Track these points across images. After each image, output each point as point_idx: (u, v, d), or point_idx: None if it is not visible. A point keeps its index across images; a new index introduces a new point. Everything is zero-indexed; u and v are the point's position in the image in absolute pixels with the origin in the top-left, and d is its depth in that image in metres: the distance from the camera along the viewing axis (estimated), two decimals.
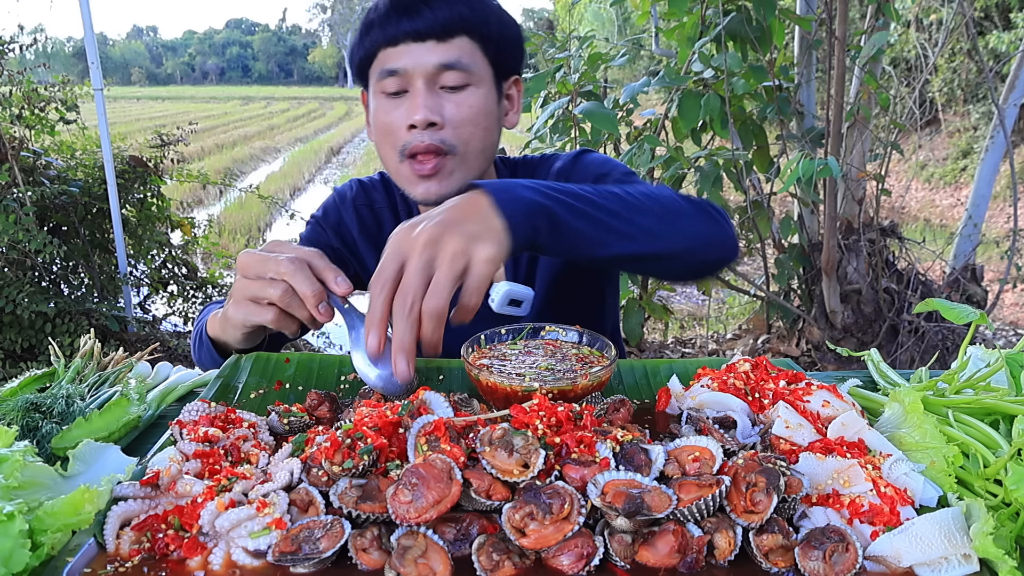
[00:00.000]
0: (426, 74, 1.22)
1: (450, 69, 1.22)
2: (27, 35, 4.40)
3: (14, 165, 3.79)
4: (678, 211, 1.12)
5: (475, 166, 1.30)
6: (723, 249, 1.18)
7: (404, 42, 1.22)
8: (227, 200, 10.78)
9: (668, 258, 1.12)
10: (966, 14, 4.17)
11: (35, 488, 0.71)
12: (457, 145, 1.25)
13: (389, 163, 1.31)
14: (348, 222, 1.48)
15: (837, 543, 0.66)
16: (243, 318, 1.04)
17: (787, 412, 0.87)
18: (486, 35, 1.26)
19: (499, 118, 1.33)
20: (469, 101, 1.25)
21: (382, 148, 1.31)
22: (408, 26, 1.21)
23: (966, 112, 10.42)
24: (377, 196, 1.49)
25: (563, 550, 0.65)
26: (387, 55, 1.24)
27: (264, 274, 1.00)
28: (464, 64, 1.23)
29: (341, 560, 0.66)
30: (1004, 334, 5.27)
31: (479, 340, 1.10)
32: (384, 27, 1.23)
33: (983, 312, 1.43)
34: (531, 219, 0.94)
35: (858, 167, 3.81)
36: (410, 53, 1.22)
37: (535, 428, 0.76)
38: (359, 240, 1.47)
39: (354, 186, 1.52)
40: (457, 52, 1.22)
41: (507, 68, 1.33)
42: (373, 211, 1.49)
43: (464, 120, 1.24)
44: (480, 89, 1.26)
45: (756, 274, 5.05)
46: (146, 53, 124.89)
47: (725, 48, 3.32)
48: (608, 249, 1.03)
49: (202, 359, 1.26)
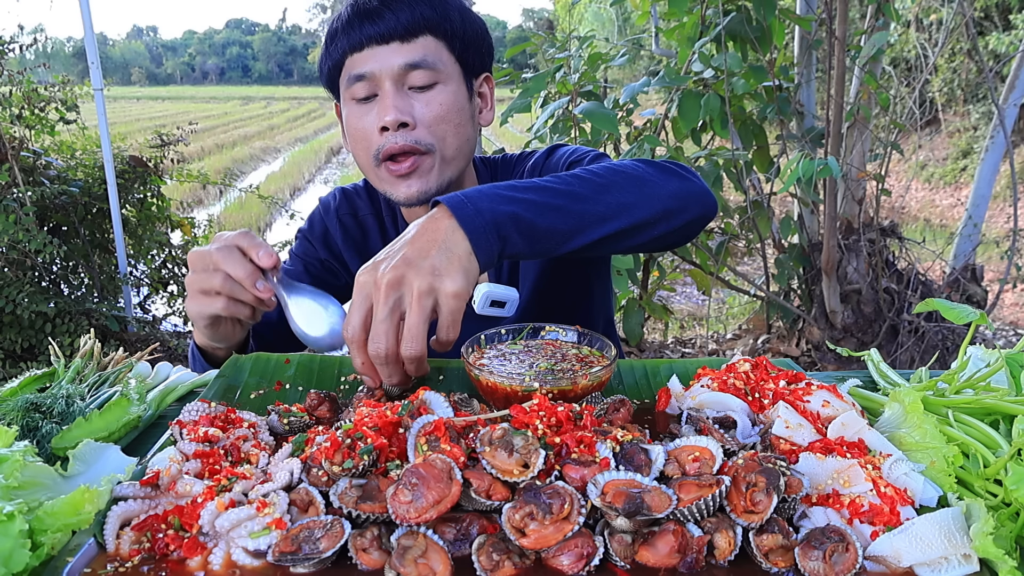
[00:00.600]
0: (393, 75, 1.22)
1: (416, 68, 1.23)
2: (27, 35, 4.41)
3: (14, 165, 3.79)
4: (644, 178, 1.12)
5: (454, 163, 1.30)
6: (700, 204, 1.17)
7: (369, 46, 1.23)
8: (227, 200, 10.79)
9: (648, 226, 1.11)
10: (966, 14, 4.17)
11: (35, 488, 0.71)
12: (434, 143, 1.25)
13: (367, 169, 1.32)
14: (333, 232, 1.49)
15: (837, 543, 0.66)
16: (198, 310, 1.07)
17: (787, 412, 0.87)
18: (450, 32, 1.26)
19: (472, 115, 1.33)
20: (439, 99, 1.25)
21: (358, 155, 1.31)
22: (371, 30, 1.22)
23: (966, 112, 10.43)
24: (361, 204, 1.50)
25: (563, 550, 0.65)
26: (353, 61, 1.25)
27: (205, 267, 1.04)
28: (430, 62, 1.23)
29: (341, 560, 0.66)
30: (1004, 334, 5.27)
31: (479, 340, 1.10)
32: (348, 33, 1.24)
33: (983, 312, 1.43)
34: (498, 231, 0.94)
35: (858, 167, 3.81)
36: (376, 56, 1.22)
37: (535, 428, 0.76)
38: (344, 250, 1.48)
39: (337, 195, 1.52)
40: (422, 51, 1.23)
41: (475, 65, 1.33)
42: (357, 219, 1.49)
43: (436, 118, 1.25)
44: (448, 86, 1.26)
45: (756, 274, 5.06)
46: (146, 53, 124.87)
47: (725, 48, 3.32)
48: (586, 236, 1.03)
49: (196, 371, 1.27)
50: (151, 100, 45.48)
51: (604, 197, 1.05)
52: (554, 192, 1.02)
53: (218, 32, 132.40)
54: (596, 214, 1.03)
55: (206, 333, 1.13)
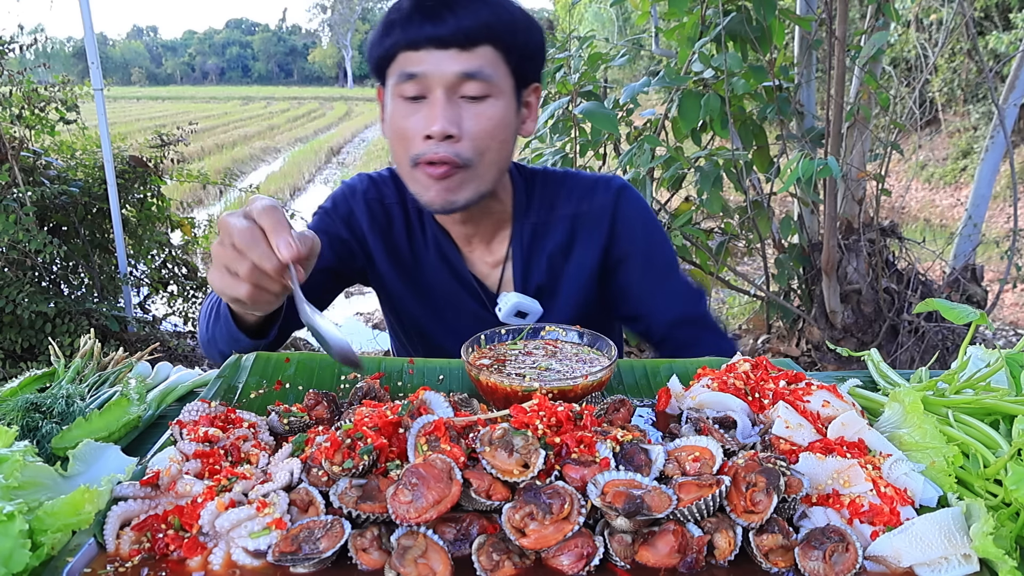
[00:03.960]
0: (446, 83, 1.19)
1: (471, 79, 1.19)
2: (27, 35, 4.40)
3: (14, 165, 3.79)
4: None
5: (488, 178, 1.28)
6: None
7: (425, 47, 1.19)
8: (227, 200, 10.78)
9: None
10: (966, 14, 4.17)
11: (35, 488, 0.71)
12: (472, 158, 1.23)
13: (401, 165, 1.30)
14: (359, 215, 1.46)
15: (837, 543, 0.66)
16: (221, 288, 0.97)
17: (787, 412, 0.87)
18: (510, 45, 1.23)
19: (516, 128, 1.31)
20: (488, 113, 1.22)
21: (395, 150, 1.29)
22: (431, 31, 1.18)
23: (966, 112, 10.42)
24: (387, 191, 1.48)
25: (563, 550, 0.65)
26: (407, 58, 1.21)
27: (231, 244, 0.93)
28: (486, 75, 1.20)
29: (341, 560, 0.66)
30: (1004, 334, 5.27)
31: (479, 340, 1.10)
32: (406, 29, 1.20)
33: (983, 312, 1.43)
34: None
35: (858, 167, 3.81)
36: (431, 59, 1.19)
37: (535, 428, 0.76)
38: (369, 234, 1.46)
39: (364, 180, 1.50)
40: (480, 62, 1.19)
41: (528, 76, 1.30)
42: (383, 206, 1.47)
43: (482, 132, 1.22)
44: (500, 100, 1.23)
45: (756, 274, 5.05)
46: (146, 53, 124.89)
47: (725, 48, 3.32)
48: None
49: (216, 337, 1.21)
50: (151, 100, 45.47)
51: None
52: None
53: (218, 32, 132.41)
54: None
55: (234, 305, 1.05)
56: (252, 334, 1.19)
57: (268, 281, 0.94)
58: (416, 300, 1.47)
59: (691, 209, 3.64)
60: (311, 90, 70.92)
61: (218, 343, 1.21)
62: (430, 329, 1.51)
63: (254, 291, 0.95)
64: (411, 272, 1.46)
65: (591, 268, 1.42)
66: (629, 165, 3.47)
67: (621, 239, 1.42)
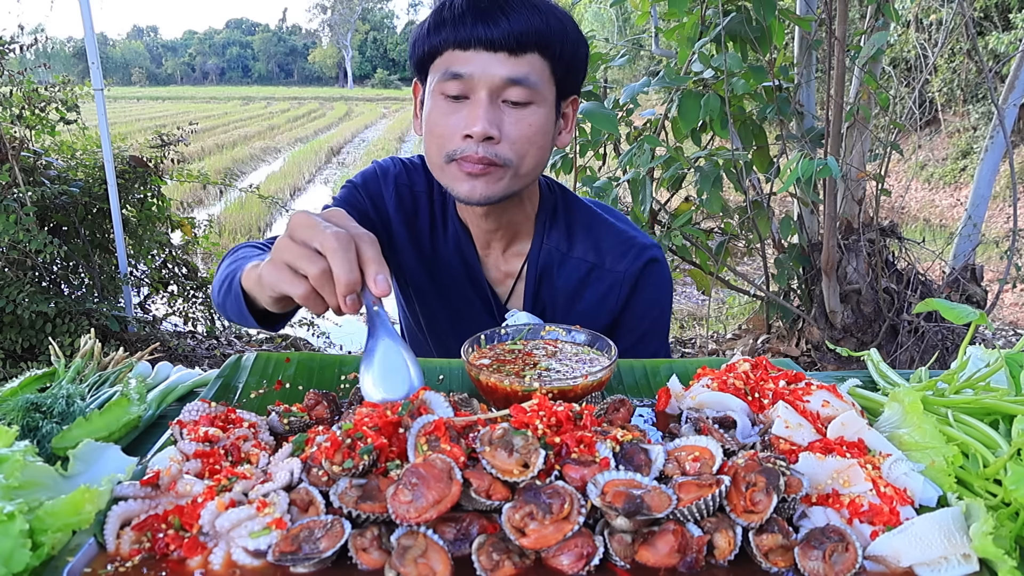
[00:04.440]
0: (492, 86, 1.19)
1: (517, 85, 1.19)
2: (27, 35, 4.40)
3: (14, 165, 3.79)
4: None
5: (523, 180, 1.28)
6: None
7: (475, 48, 1.18)
8: (227, 200, 10.79)
9: None
10: (966, 14, 4.17)
11: (35, 488, 0.71)
12: (512, 159, 1.23)
13: (434, 161, 1.29)
14: (387, 197, 1.46)
15: (837, 543, 0.66)
16: (274, 282, 0.92)
17: (787, 412, 0.87)
18: (558, 54, 1.23)
19: (553, 137, 1.31)
20: (530, 120, 1.22)
21: (430, 147, 1.28)
22: (483, 33, 1.17)
23: (966, 112, 10.42)
24: (417, 179, 1.47)
25: (563, 550, 0.65)
26: (454, 57, 1.20)
27: (310, 241, 0.89)
28: (532, 82, 1.20)
29: (341, 560, 0.66)
30: (1004, 334, 5.27)
31: (479, 340, 1.11)
32: (457, 28, 1.19)
33: (983, 312, 1.43)
34: None
35: (858, 167, 3.81)
36: (479, 60, 1.18)
37: (535, 428, 0.76)
38: (394, 218, 1.45)
39: (397, 164, 1.49)
40: (527, 68, 1.19)
41: (570, 88, 1.31)
42: (413, 193, 1.46)
43: (522, 138, 1.22)
44: (542, 108, 1.23)
45: (756, 274, 5.05)
46: (146, 53, 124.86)
47: (725, 48, 3.32)
48: None
49: (226, 305, 1.17)
50: (151, 100, 45.47)
51: None
52: None
53: (218, 32, 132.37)
54: None
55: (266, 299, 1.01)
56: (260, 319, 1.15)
57: (330, 293, 0.89)
58: (433, 290, 1.49)
59: (691, 209, 3.64)
60: (311, 90, 70.94)
61: (228, 311, 1.18)
62: (442, 320, 1.52)
63: (309, 295, 0.90)
64: (430, 263, 1.47)
65: (599, 324, 1.42)
66: (629, 165, 3.47)
67: (634, 313, 1.43)
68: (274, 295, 0.96)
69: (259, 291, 1.01)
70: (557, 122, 1.31)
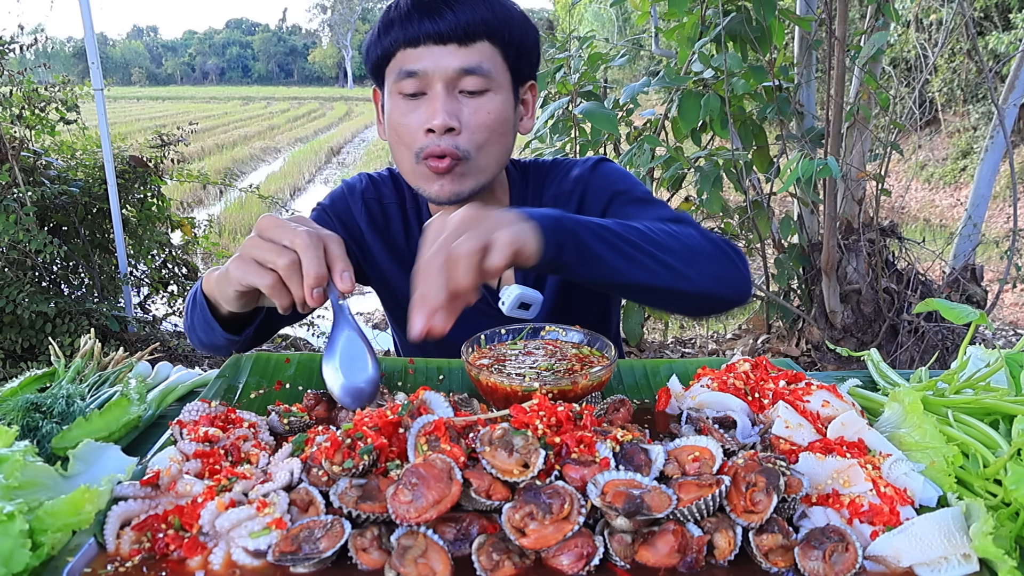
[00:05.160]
0: (446, 78, 1.21)
1: (470, 74, 1.21)
2: (27, 35, 4.40)
3: (14, 165, 3.79)
4: (699, 251, 1.12)
5: (488, 172, 1.29)
6: (736, 292, 1.18)
7: (425, 44, 1.20)
8: (227, 200, 10.78)
9: (684, 296, 1.12)
10: (966, 14, 4.17)
11: (35, 488, 0.71)
12: (471, 150, 1.24)
13: (404, 163, 1.31)
14: (356, 214, 1.47)
15: (837, 543, 0.66)
16: (241, 275, 0.98)
17: (787, 412, 0.87)
18: (507, 40, 1.25)
19: (515, 124, 1.32)
20: (488, 107, 1.24)
21: (396, 148, 1.30)
22: (430, 27, 1.19)
23: (966, 112, 10.42)
24: (386, 191, 1.49)
25: (563, 550, 0.65)
26: (406, 56, 1.22)
27: (279, 239, 0.95)
28: (485, 69, 1.22)
29: (341, 560, 0.66)
30: (1004, 334, 5.27)
31: (479, 340, 1.11)
32: (405, 27, 1.21)
33: (983, 312, 1.43)
34: (558, 237, 0.95)
35: (858, 167, 3.81)
36: (431, 55, 1.20)
37: (535, 428, 0.76)
38: (367, 233, 1.47)
39: (363, 179, 1.51)
40: (478, 57, 1.21)
41: (525, 74, 1.32)
42: (382, 205, 1.48)
43: (481, 126, 1.24)
44: (499, 95, 1.25)
45: (756, 274, 5.06)
46: (146, 53, 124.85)
47: (725, 48, 3.32)
48: (628, 276, 1.04)
49: (194, 324, 1.21)
50: (151, 100, 45.46)
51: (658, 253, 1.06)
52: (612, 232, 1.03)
53: (218, 32, 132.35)
54: (643, 265, 1.04)
55: (229, 294, 1.05)
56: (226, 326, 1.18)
57: (296, 284, 0.94)
58: None
59: (691, 209, 3.64)
60: (311, 90, 70.93)
61: (196, 330, 1.22)
62: None
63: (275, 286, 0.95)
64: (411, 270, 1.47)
65: None
66: (629, 165, 3.47)
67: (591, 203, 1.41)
68: (240, 288, 1.00)
69: (222, 290, 1.05)
70: (517, 108, 1.33)
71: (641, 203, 1.36)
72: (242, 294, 1.03)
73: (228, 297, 1.06)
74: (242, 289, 1.01)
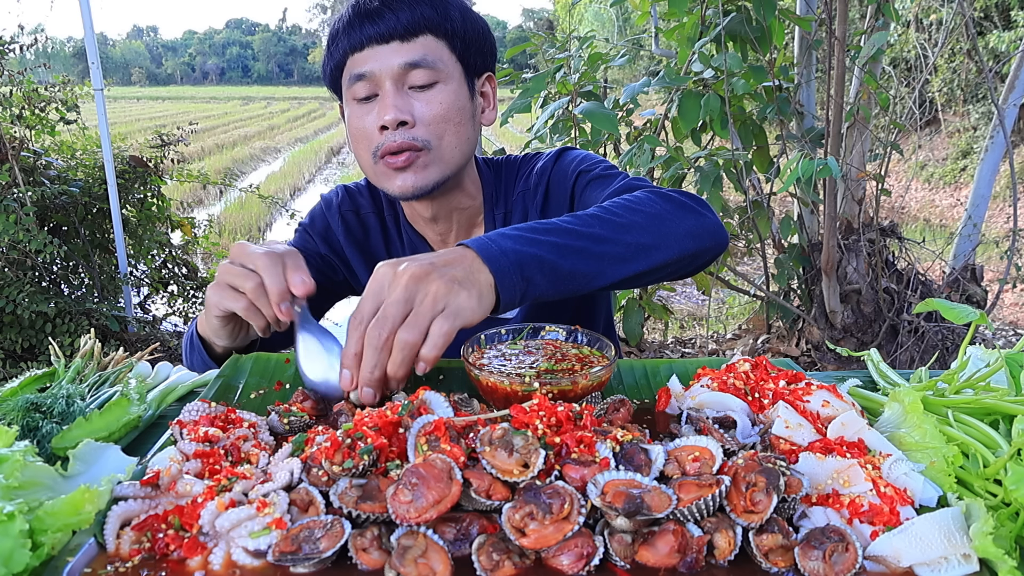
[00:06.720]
0: (393, 75, 1.23)
1: (416, 67, 1.23)
2: (27, 35, 4.40)
3: (14, 165, 3.79)
4: (661, 215, 1.12)
5: (452, 162, 1.30)
6: (713, 240, 1.18)
7: (369, 46, 1.23)
8: (227, 200, 10.79)
9: (665, 266, 1.12)
10: (966, 14, 4.17)
11: (35, 488, 0.71)
12: (430, 140, 1.26)
13: (365, 166, 1.33)
14: (335, 228, 1.49)
15: (837, 543, 0.66)
16: (217, 301, 1.06)
17: (787, 412, 0.87)
18: (450, 32, 1.27)
19: (473, 115, 1.33)
20: (439, 98, 1.25)
21: (359, 154, 1.32)
22: (371, 30, 1.22)
23: (966, 112, 10.42)
24: (363, 202, 1.50)
25: (563, 550, 0.65)
26: (354, 61, 1.25)
27: (246, 263, 1.04)
28: (430, 61, 1.24)
29: (341, 560, 0.66)
30: (1004, 334, 5.27)
31: (479, 340, 1.10)
32: (349, 34, 1.25)
33: (983, 312, 1.43)
34: (522, 271, 0.95)
35: (858, 167, 3.81)
36: (376, 56, 1.23)
37: (535, 428, 0.76)
38: (345, 246, 1.49)
39: (340, 192, 1.53)
40: (422, 50, 1.24)
41: (477, 65, 1.33)
42: (359, 216, 1.50)
43: (435, 117, 1.25)
44: (449, 86, 1.27)
45: (756, 274, 5.05)
46: (146, 53, 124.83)
47: (725, 48, 3.32)
48: (606, 278, 1.04)
49: (193, 364, 1.27)
50: (151, 100, 45.47)
51: (624, 238, 1.06)
52: (576, 234, 1.03)
53: (218, 32, 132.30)
54: (617, 256, 1.05)
55: (215, 324, 1.13)
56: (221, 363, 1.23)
57: (265, 303, 1.03)
58: None
59: None
60: (311, 90, 71.02)
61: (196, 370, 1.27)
62: None
63: (249, 308, 1.04)
64: None
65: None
66: (629, 165, 3.47)
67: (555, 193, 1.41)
68: (219, 313, 1.08)
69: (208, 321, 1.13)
70: (475, 100, 1.34)
71: (601, 180, 1.36)
72: (225, 321, 1.11)
73: (214, 327, 1.13)
74: (220, 314, 1.09)
